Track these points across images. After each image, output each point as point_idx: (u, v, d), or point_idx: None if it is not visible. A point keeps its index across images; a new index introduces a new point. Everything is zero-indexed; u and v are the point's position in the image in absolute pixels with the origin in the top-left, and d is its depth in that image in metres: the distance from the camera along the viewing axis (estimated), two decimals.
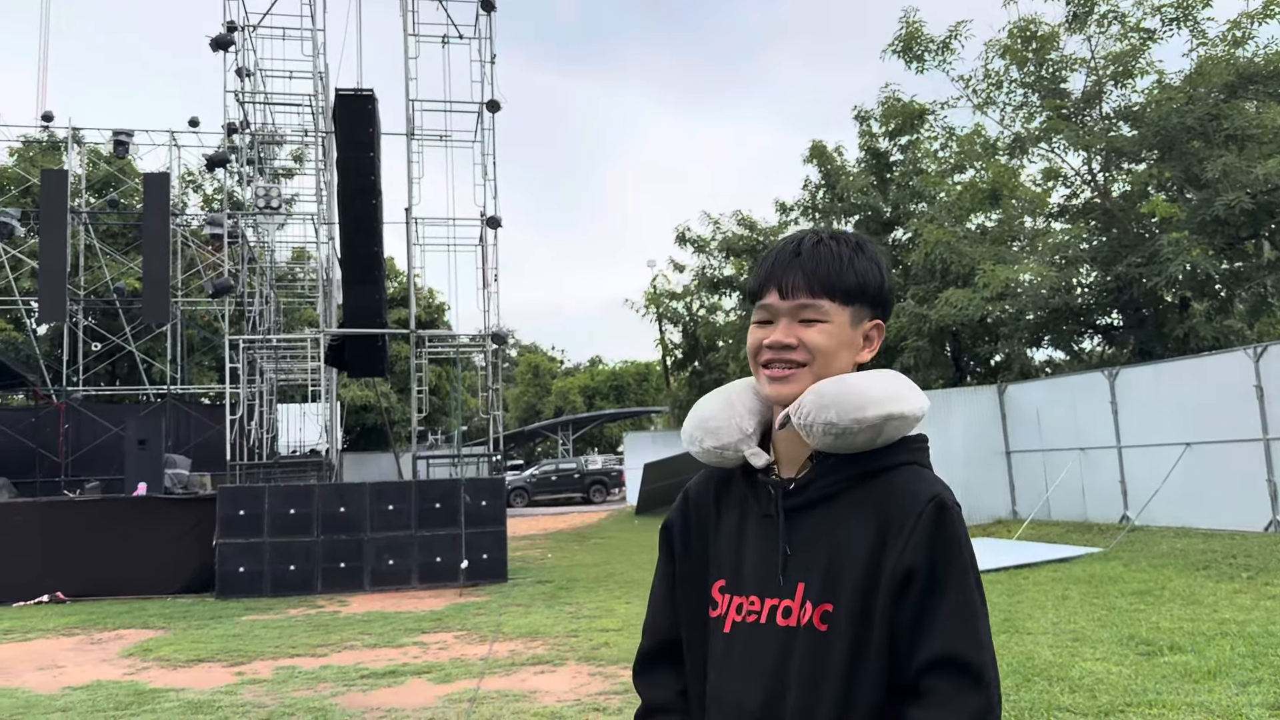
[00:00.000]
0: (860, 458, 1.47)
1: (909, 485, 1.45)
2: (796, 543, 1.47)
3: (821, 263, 1.51)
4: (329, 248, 17.87)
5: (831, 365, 1.50)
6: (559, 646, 8.77)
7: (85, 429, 21.22)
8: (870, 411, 1.43)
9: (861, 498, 1.46)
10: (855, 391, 1.44)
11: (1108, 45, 18.92)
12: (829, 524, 1.46)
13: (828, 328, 1.50)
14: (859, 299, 1.52)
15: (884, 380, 1.48)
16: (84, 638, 10.46)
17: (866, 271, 1.53)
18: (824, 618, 1.42)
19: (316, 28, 17.43)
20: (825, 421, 1.43)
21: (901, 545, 1.40)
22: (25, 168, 29.14)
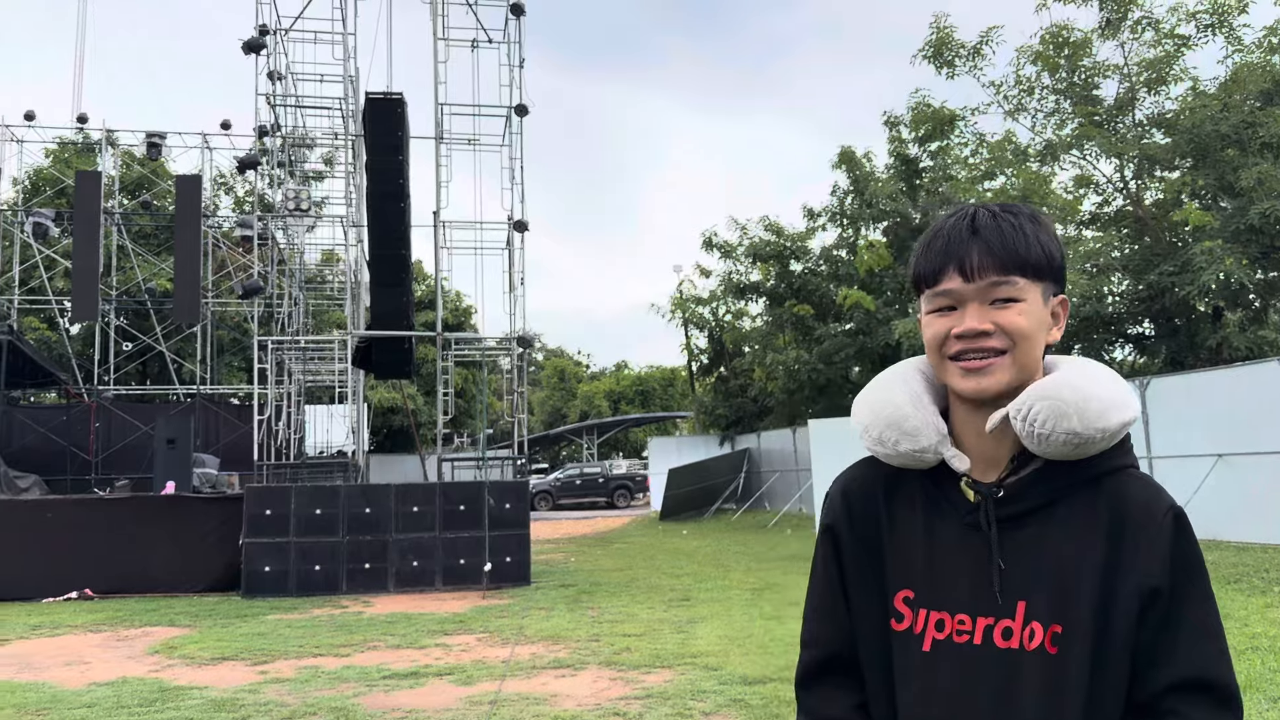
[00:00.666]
0: (1083, 463, 1.34)
1: (1139, 493, 1.33)
2: (1011, 556, 1.34)
3: (1006, 236, 1.36)
4: (358, 250, 17.98)
5: (1032, 350, 1.36)
6: (580, 650, 8.76)
7: (116, 427, 21.47)
8: (1113, 419, 1.31)
9: (1082, 506, 1.33)
10: (1096, 396, 1.32)
11: (1141, 52, 18.75)
12: (1050, 536, 1.33)
13: (1025, 307, 1.35)
14: (1047, 274, 1.37)
15: (1111, 380, 1.36)
16: (111, 634, 10.57)
17: (1050, 243, 1.38)
18: (1054, 640, 1.30)
19: (348, 32, 17.57)
20: (1068, 431, 1.30)
21: (1143, 561, 1.29)
22: (60, 169, 29.57)
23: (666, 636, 9.29)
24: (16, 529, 13.66)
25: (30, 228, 22.49)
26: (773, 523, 23.13)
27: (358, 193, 17.27)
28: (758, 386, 28.36)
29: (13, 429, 20.78)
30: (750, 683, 7.17)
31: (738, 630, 9.46)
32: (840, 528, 1.51)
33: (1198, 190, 17.62)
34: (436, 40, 16.85)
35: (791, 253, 26.65)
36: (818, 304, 25.68)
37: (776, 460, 27.38)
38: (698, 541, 20.66)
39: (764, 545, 18.80)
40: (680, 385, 55.88)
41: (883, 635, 1.43)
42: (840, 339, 24.37)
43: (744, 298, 29.39)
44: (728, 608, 11.01)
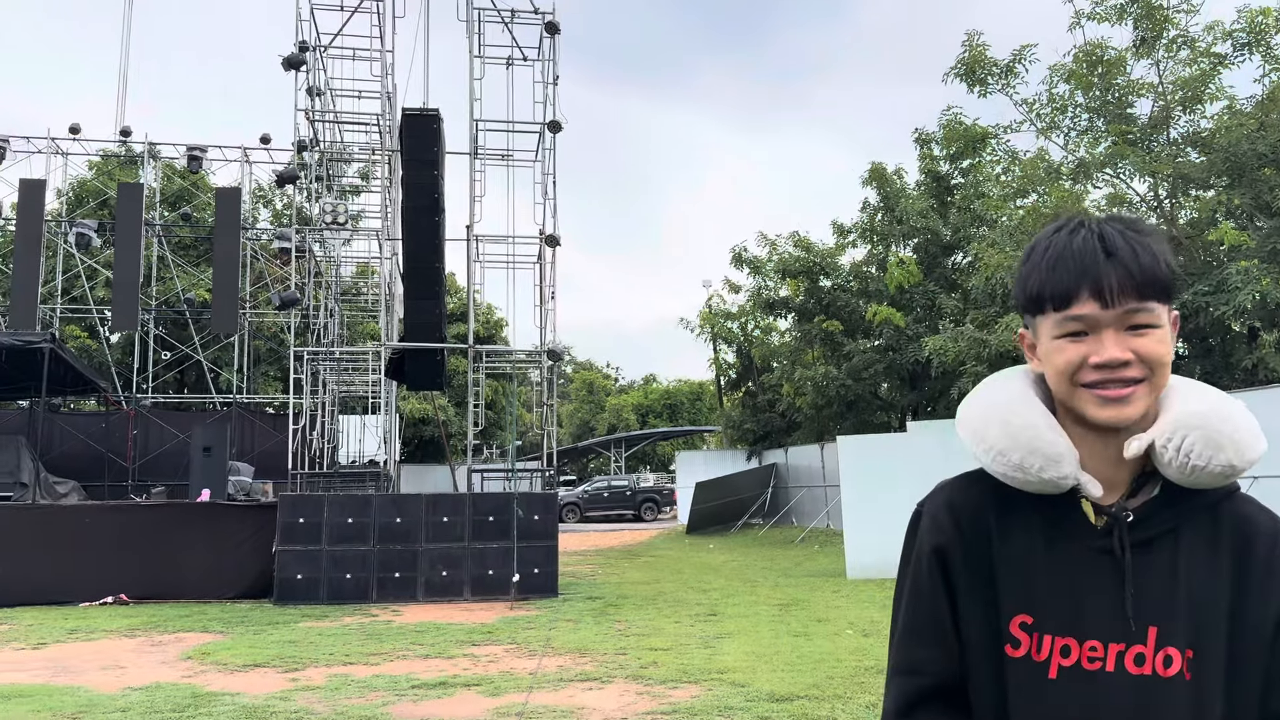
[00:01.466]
0: (1185, 491, 1.32)
1: (1260, 517, 1.32)
2: (1141, 581, 1.31)
3: (1142, 258, 1.30)
4: (392, 263, 18.20)
5: (1166, 376, 1.33)
6: (607, 664, 8.82)
7: (153, 435, 21.81)
8: (1258, 449, 1.30)
9: (1206, 530, 1.32)
10: (1244, 427, 1.30)
11: (1177, 70, 18.60)
12: (1179, 561, 1.31)
13: (1161, 334, 1.31)
14: (1174, 292, 1.34)
15: (1244, 408, 1.34)
16: (145, 639, 10.75)
17: (1173, 261, 1.34)
18: (1189, 666, 1.27)
19: (385, 49, 17.83)
20: (1225, 464, 1.28)
21: (1274, 586, 1.28)
22: (104, 181, 30.13)
23: (693, 651, 9.33)
24: (55, 534, 13.92)
25: (73, 238, 22.96)
26: (800, 539, 23.08)
27: (393, 207, 17.50)
28: (786, 402, 28.33)
29: (53, 435, 21.17)
30: (778, 699, 7.20)
31: (765, 646, 9.48)
32: (950, 549, 1.41)
33: (1233, 210, 17.45)
34: (472, 57, 17.07)
35: (821, 269, 26.64)
36: (847, 320, 25.64)
37: (804, 476, 27.31)
38: (725, 556, 20.66)
39: (791, 561, 18.77)
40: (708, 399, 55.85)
41: (995, 662, 1.35)
42: (869, 355, 24.31)
43: (773, 313, 29.39)
44: (755, 623, 11.02)
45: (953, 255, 24.78)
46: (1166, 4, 18.30)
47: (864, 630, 10.26)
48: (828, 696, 7.25)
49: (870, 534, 15.60)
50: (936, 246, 24.54)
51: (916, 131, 24.28)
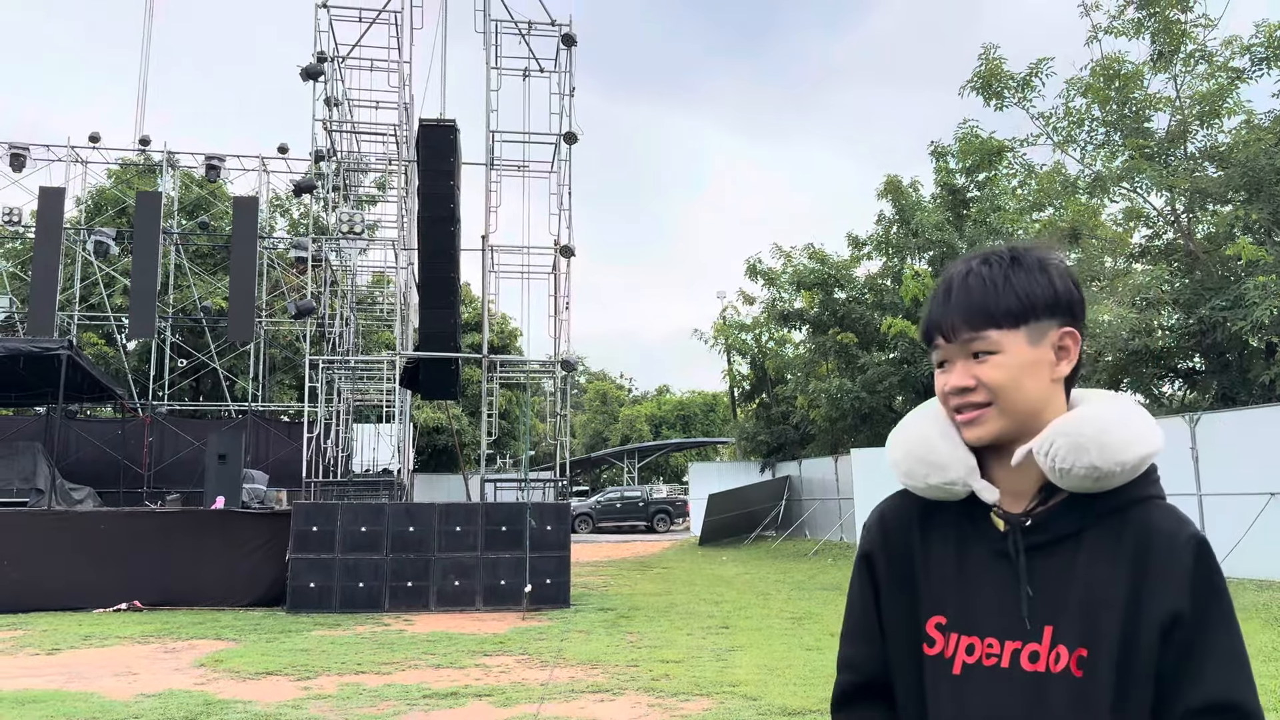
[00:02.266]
0: (1108, 494, 1.39)
1: (1162, 522, 1.37)
2: (1040, 583, 1.39)
3: (974, 294, 1.45)
4: (408, 273, 18.28)
5: (1019, 396, 1.42)
6: (619, 675, 8.79)
7: (168, 442, 21.93)
8: (1131, 452, 1.37)
9: (1108, 535, 1.38)
10: (1115, 431, 1.37)
11: (1194, 84, 18.55)
12: (1077, 564, 1.38)
13: (1000, 359, 1.42)
14: (1031, 315, 1.43)
15: (1133, 413, 1.41)
16: (159, 646, 10.79)
17: (1028, 284, 1.44)
18: (1080, 663, 1.35)
19: (403, 60, 17.94)
20: (1088, 465, 1.36)
21: (1166, 587, 1.34)
22: (122, 190, 30.38)
23: (706, 664, 9.30)
24: (70, 540, 13.99)
25: (92, 246, 23.14)
26: (813, 552, 23.00)
27: (409, 216, 17.58)
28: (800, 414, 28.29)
29: (69, 442, 21.31)
30: (790, 714, 7.16)
31: (778, 660, 9.44)
32: (876, 555, 1.56)
33: (1251, 224, 17.36)
34: (489, 69, 17.17)
35: (836, 281, 26.62)
36: (861, 332, 25.59)
37: (817, 489, 27.23)
38: (737, 568, 20.60)
39: (804, 574, 18.70)
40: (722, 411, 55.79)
41: (916, 660, 1.48)
42: (884, 368, 24.25)
43: (787, 325, 29.36)
44: (768, 636, 10.98)
45: None
46: (1184, 18, 18.26)
47: None
48: None
49: None
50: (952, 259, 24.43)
51: (932, 144, 24.28)
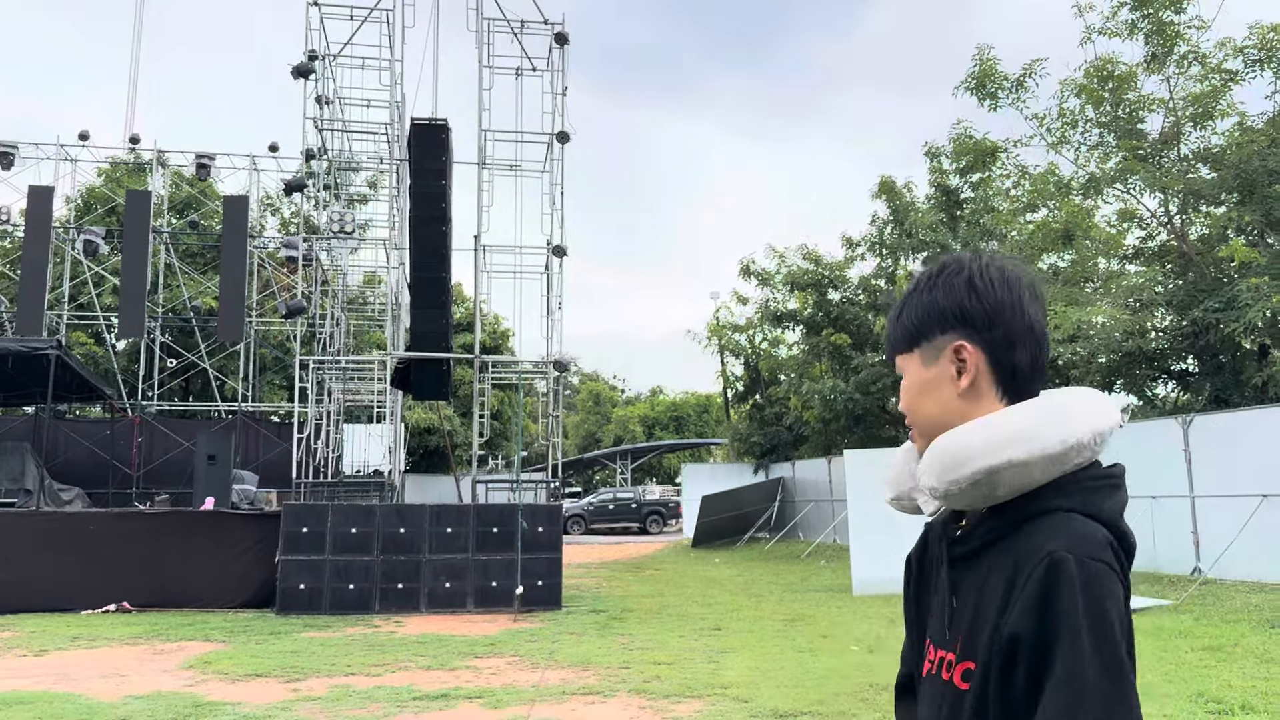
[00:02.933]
0: (1007, 506, 1.35)
1: (1038, 536, 1.29)
2: (960, 594, 1.40)
3: (890, 326, 1.50)
4: (399, 273, 18.19)
5: (921, 417, 1.44)
6: (610, 677, 8.73)
7: (158, 443, 21.80)
8: (966, 469, 1.32)
9: (1006, 549, 1.33)
10: (950, 448, 1.34)
11: (1187, 86, 18.57)
12: (979, 577, 1.37)
13: (903, 384, 1.47)
14: (923, 335, 1.44)
15: (997, 424, 1.33)
16: (147, 648, 10.70)
17: (927, 304, 1.43)
18: (965, 676, 1.34)
19: (395, 58, 17.86)
20: (929, 487, 1.37)
21: (1015, 607, 1.27)
22: (112, 188, 30.23)
23: (697, 666, 9.24)
24: (59, 541, 13.89)
25: (81, 245, 23.00)
26: (806, 553, 22.95)
27: (400, 216, 17.50)
28: (793, 415, 28.26)
29: (58, 442, 21.17)
30: (782, 716, 7.11)
31: (769, 662, 9.39)
32: (912, 560, 1.63)
33: (1244, 226, 17.38)
34: (481, 67, 17.10)
35: (830, 281, 26.60)
36: (855, 333, 25.58)
37: (811, 490, 27.20)
38: (730, 570, 20.55)
39: (797, 576, 18.66)
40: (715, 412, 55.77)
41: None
42: (877, 369, 24.23)
43: (781, 326, 29.33)
44: (760, 638, 10.93)
45: None
46: (1178, 20, 18.28)
47: (869, 646, 10.16)
48: (832, 713, 7.16)
49: (876, 549, 15.49)
50: None
51: (926, 145, 24.29)
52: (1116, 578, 1.25)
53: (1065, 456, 1.30)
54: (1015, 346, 1.39)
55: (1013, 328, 1.39)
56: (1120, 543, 1.30)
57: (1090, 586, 1.22)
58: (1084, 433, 1.31)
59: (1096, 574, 1.23)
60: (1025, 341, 1.40)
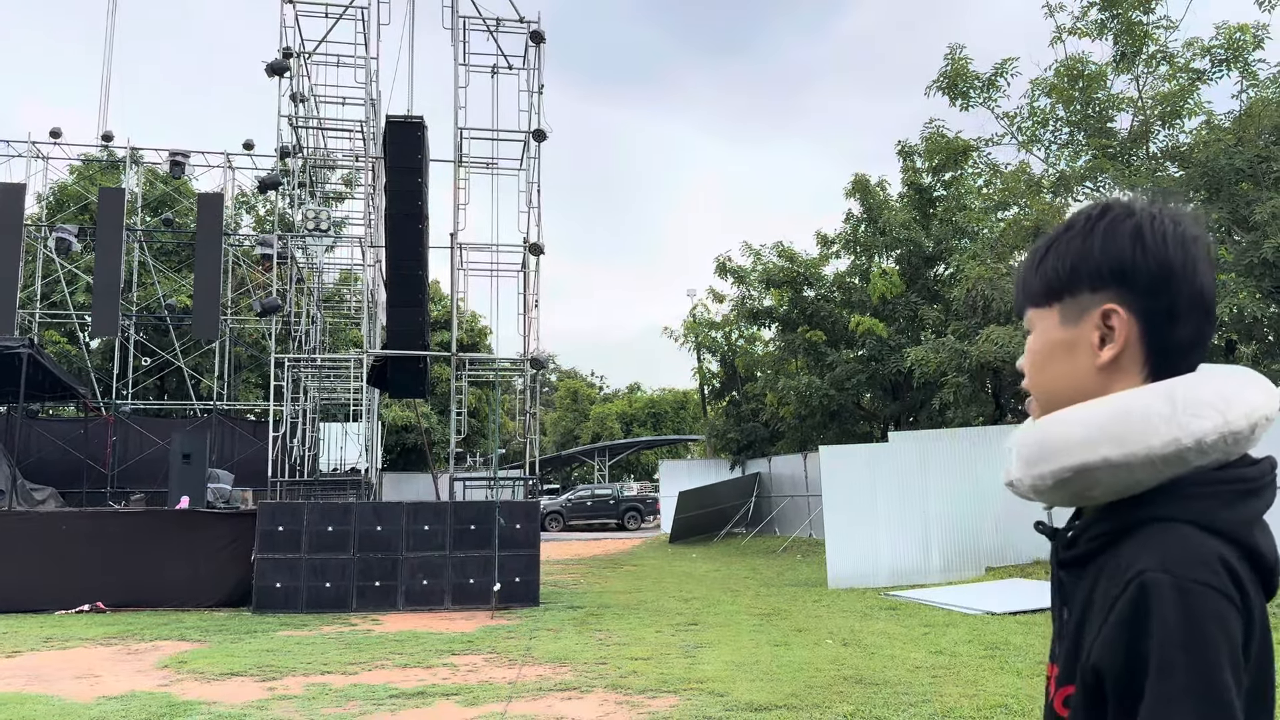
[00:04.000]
0: (1116, 507, 1.14)
1: (1133, 551, 1.09)
2: (1070, 606, 1.19)
3: (1025, 271, 1.27)
4: (375, 270, 18.17)
5: (1043, 384, 1.23)
6: (587, 673, 8.80)
7: (132, 442, 21.67)
8: (1051, 465, 1.14)
9: (1112, 558, 1.12)
10: (1040, 437, 1.16)
11: (1156, 85, 18.79)
12: (1086, 587, 1.15)
13: (1030, 342, 1.25)
14: (1067, 289, 1.20)
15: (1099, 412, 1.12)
16: (121, 648, 10.66)
17: (1080, 251, 1.20)
18: (1065, 702, 1.15)
19: (370, 56, 17.82)
20: (1015, 479, 1.19)
21: (1097, 633, 1.09)
22: (84, 186, 29.96)
23: (673, 661, 9.32)
24: (31, 541, 13.79)
25: (53, 243, 22.81)
26: (782, 548, 23.10)
27: (376, 213, 17.48)
28: (769, 411, 28.40)
29: (30, 441, 20.98)
30: (757, 709, 7.20)
31: (745, 656, 9.48)
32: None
33: (1211, 224, 17.62)
34: (457, 65, 17.09)
35: (805, 279, 26.74)
36: (830, 330, 25.74)
37: (787, 485, 27.37)
38: (707, 565, 20.66)
39: (773, 571, 18.79)
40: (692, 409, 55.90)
41: None
42: (852, 365, 24.41)
43: (757, 323, 29.45)
44: (736, 633, 11.03)
45: (935, 267, 24.92)
46: (1146, 20, 18.49)
47: (843, 640, 10.28)
48: (806, 705, 7.26)
49: (852, 544, 15.64)
50: (919, 258, 24.67)
51: (899, 144, 24.45)
52: (1230, 604, 1.03)
53: (1180, 457, 1.08)
54: (1178, 319, 1.16)
55: (1179, 297, 1.16)
56: (1249, 562, 1.08)
57: (1189, 615, 1.02)
58: (1210, 429, 1.08)
59: (1199, 599, 1.02)
60: (1191, 314, 1.16)
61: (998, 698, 7.36)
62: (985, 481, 16.32)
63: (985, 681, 7.98)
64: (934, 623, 11.32)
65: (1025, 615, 11.50)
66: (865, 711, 7.04)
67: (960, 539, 16.00)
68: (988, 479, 16.37)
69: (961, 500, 16.05)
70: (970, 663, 8.81)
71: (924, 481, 16.02)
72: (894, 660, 9.03)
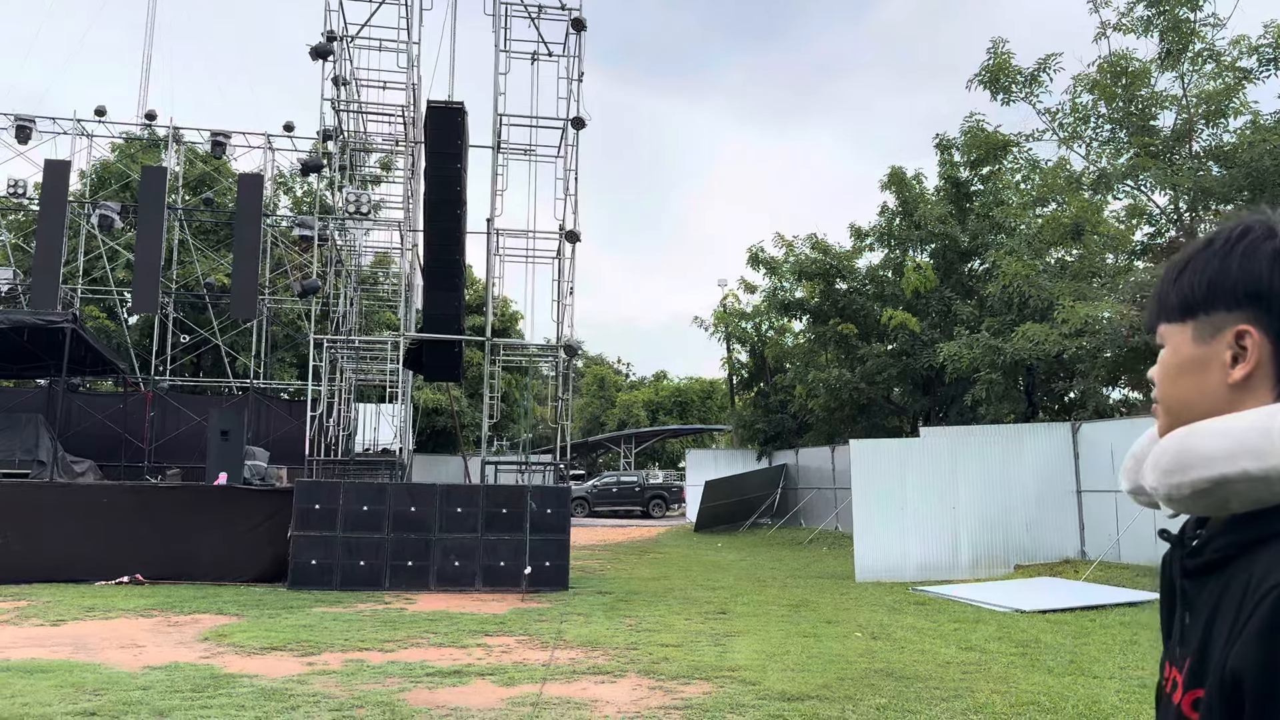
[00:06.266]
0: (1247, 519, 1.17)
1: (1265, 564, 1.11)
2: (1193, 612, 1.23)
3: (1161, 283, 1.30)
4: (412, 254, 18.32)
5: (1173, 397, 1.26)
6: (619, 658, 8.91)
7: (169, 417, 22.01)
8: (1189, 475, 1.16)
9: (1243, 569, 1.15)
10: (1178, 448, 1.18)
11: (1201, 84, 18.58)
12: (1214, 595, 1.18)
13: (1162, 355, 1.28)
14: (1199, 306, 1.23)
15: (1241, 426, 1.15)
16: (162, 619, 10.89)
17: (1218, 270, 1.22)
18: (1194, 705, 1.17)
19: (412, 41, 17.94)
20: (1150, 487, 1.22)
21: (1235, 640, 1.10)
22: (127, 164, 30.35)
23: (704, 648, 9.41)
24: (74, 513, 14.08)
25: (96, 220, 23.16)
26: (809, 540, 23.14)
27: (414, 198, 17.62)
28: (798, 403, 28.40)
29: (71, 414, 21.38)
30: (789, 699, 7.27)
31: (775, 646, 9.56)
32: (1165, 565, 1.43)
33: None
34: (498, 52, 17.17)
35: (837, 272, 26.67)
36: (861, 323, 25.68)
37: (814, 478, 27.37)
38: (733, 555, 20.74)
39: (800, 562, 18.84)
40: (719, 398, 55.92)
41: None
42: (883, 359, 24.35)
43: (788, 314, 29.42)
44: (765, 623, 11.10)
45: (970, 262, 24.78)
46: (1193, 18, 18.28)
47: (873, 633, 10.33)
48: (838, 697, 7.33)
49: (880, 537, 15.67)
50: (954, 253, 24.54)
51: (937, 137, 24.29)
52: None
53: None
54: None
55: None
56: None
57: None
58: None
59: None
60: None
61: (1030, 695, 7.40)
62: (1016, 479, 16.28)
63: (1017, 679, 8.02)
64: (963, 619, 11.35)
65: (1055, 614, 11.50)
66: (898, 705, 7.10)
67: (990, 536, 15.98)
68: (1019, 477, 16.33)
69: (992, 497, 16.03)
70: (1001, 660, 8.84)
71: (954, 477, 16.01)
72: (924, 655, 9.08)
